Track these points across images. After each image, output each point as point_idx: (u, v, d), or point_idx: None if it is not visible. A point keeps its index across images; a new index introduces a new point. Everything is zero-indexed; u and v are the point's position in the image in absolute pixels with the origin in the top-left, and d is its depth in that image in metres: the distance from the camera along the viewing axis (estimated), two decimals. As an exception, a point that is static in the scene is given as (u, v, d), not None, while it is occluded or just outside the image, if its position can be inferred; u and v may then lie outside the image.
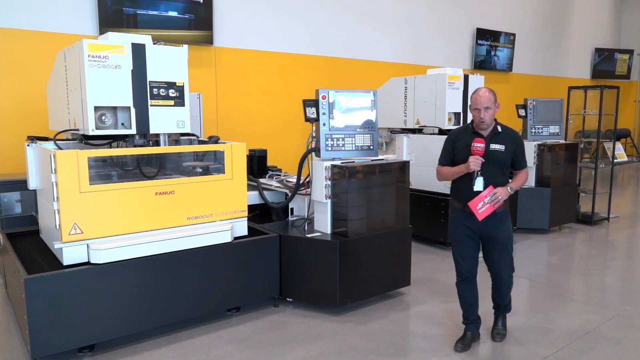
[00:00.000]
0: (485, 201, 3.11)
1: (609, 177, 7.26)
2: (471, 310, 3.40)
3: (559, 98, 6.86)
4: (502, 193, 3.11)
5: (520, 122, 6.59)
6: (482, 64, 10.50)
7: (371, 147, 4.09)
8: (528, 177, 3.33)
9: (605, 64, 14.15)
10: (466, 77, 5.75)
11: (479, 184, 3.15)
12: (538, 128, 6.53)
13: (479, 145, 3.12)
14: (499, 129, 3.22)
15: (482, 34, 10.38)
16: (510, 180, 3.27)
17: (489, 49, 10.61)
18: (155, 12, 6.22)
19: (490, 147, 3.17)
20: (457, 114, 5.73)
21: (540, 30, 12.07)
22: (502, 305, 3.51)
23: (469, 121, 5.77)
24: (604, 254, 5.69)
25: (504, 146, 3.18)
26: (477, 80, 5.85)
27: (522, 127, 6.54)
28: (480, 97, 3.12)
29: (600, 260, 5.44)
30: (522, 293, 4.41)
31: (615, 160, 7.13)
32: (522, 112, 6.52)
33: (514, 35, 11.02)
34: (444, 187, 5.57)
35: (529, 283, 4.66)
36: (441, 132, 5.73)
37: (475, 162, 3.10)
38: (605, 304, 4.14)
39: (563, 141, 6.67)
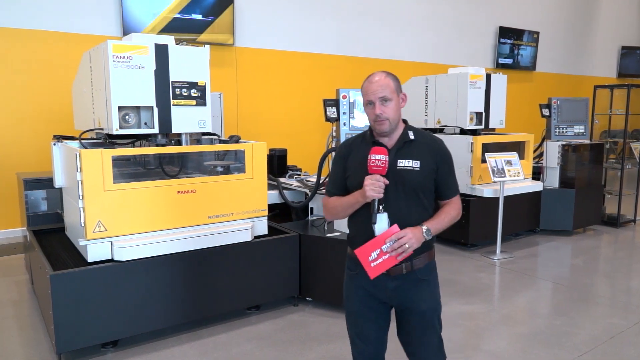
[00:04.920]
0: (384, 249, 1.97)
1: (635, 178, 7.09)
2: None
3: (584, 97, 6.72)
4: (413, 237, 1.96)
5: (544, 122, 6.48)
6: (504, 62, 10.35)
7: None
8: (460, 212, 2.15)
9: (632, 62, 13.81)
10: (488, 76, 5.67)
11: (381, 220, 2.01)
12: (562, 128, 6.42)
13: (378, 158, 1.99)
14: (411, 135, 2.09)
15: (505, 33, 10.23)
16: (431, 217, 2.09)
17: (512, 47, 10.45)
18: (179, 15, 6.29)
19: (398, 163, 2.04)
20: (479, 114, 5.66)
21: (565, 28, 11.85)
22: None
23: (491, 121, 5.79)
24: (630, 256, 5.57)
25: (418, 162, 2.04)
26: (500, 80, 5.77)
27: (546, 126, 6.44)
28: (372, 85, 2.06)
29: (626, 263, 5.32)
30: (545, 296, 4.34)
31: (642, 161, 6.97)
32: (546, 111, 6.41)
33: (537, 33, 10.83)
34: (465, 187, 5.53)
35: (553, 286, 4.59)
36: (462, 131, 5.68)
37: (373, 186, 1.96)
38: (631, 308, 4.04)
39: (588, 141, 6.54)
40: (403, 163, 2.04)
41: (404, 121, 2.17)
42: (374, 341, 2.20)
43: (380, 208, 2.02)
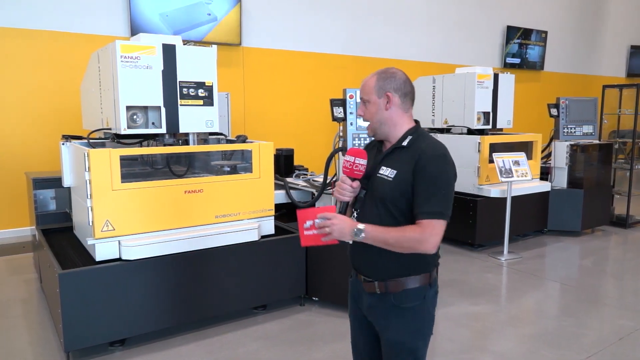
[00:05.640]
0: (316, 222, 1.85)
1: (645, 178, 7.05)
2: None
3: (593, 97, 6.68)
4: (337, 226, 1.79)
5: (552, 122, 6.44)
6: (512, 62, 10.30)
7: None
8: (425, 242, 1.73)
9: (641, 61, 13.69)
10: (496, 76, 5.65)
11: None
12: (571, 128, 6.38)
13: (347, 159, 1.88)
14: (406, 141, 1.86)
15: (513, 32, 10.18)
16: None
17: (520, 46, 10.40)
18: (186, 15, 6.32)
19: (380, 170, 1.87)
20: (486, 114, 5.64)
21: (573, 27, 11.77)
22: None
23: (498, 121, 5.76)
24: (639, 257, 5.52)
25: (395, 172, 1.83)
26: (507, 79, 5.75)
27: (554, 126, 6.40)
28: (361, 86, 1.95)
29: (634, 264, 5.28)
30: (552, 297, 4.32)
31: (651, 161, 6.92)
32: (554, 111, 6.37)
33: (545, 32, 10.77)
34: (472, 188, 5.51)
35: (560, 287, 4.56)
36: (470, 131, 5.66)
37: (339, 187, 1.89)
38: (641, 310, 4.02)
39: (597, 141, 6.50)
40: (383, 171, 1.86)
41: (416, 122, 1.94)
42: (363, 353, 2.06)
43: (355, 213, 1.93)
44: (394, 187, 1.81)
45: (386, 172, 1.85)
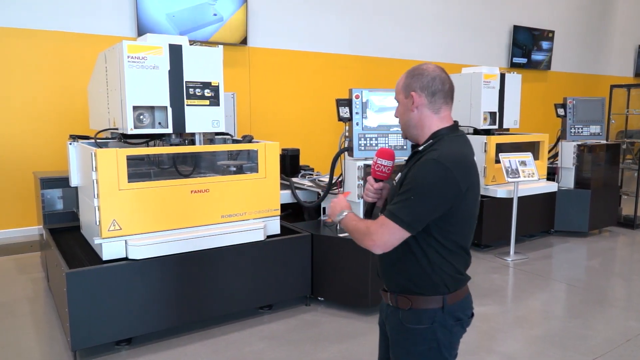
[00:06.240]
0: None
1: (653, 179, 6.99)
2: None
3: (600, 97, 6.63)
4: (331, 205, 1.88)
5: (559, 122, 6.41)
6: (519, 62, 10.25)
7: (404, 147, 4.05)
8: (375, 238, 1.66)
9: (650, 61, 13.58)
10: (502, 76, 5.63)
11: None
12: (578, 128, 6.34)
13: (375, 160, 1.85)
14: (423, 146, 1.75)
15: (520, 31, 10.14)
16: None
17: (527, 46, 10.35)
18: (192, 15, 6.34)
19: (396, 177, 1.83)
20: (492, 114, 5.62)
21: (581, 26, 11.70)
22: None
23: (505, 121, 5.73)
24: (647, 258, 5.49)
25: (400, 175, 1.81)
26: (514, 79, 5.72)
27: (561, 126, 6.36)
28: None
29: (643, 265, 5.24)
30: (559, 298, 4.29)
31: (660, 162, 6.86)
32: (561, 111, 6.34)
33: (552, 32, 10.72)
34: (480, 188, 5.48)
35: (567, 287, 4.53)
36: (476, 131, 5.63)
37: (368, 189, 1.89)
38: (649, 311, 3.99)
39: (604, 142, 6.46)
40: (397, 177, 1.81)
41: (455, 123, 1.82)
42: (379, 356, 2.02)
43: (376, 211, 1.88)
44: (395, 192, 1.74)
45: (396, 177, 1.80)
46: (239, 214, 3.63)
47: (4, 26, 5.28)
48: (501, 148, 5.50)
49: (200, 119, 3.51)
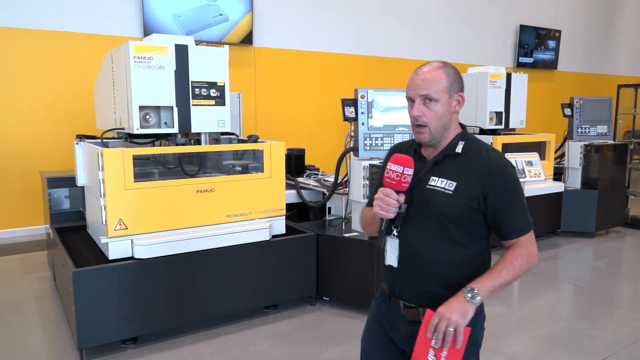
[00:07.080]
0: (434, 345, 1.51)
1: (660, 179, 6.95)
2: None
3: (608, 97, 6.59)
4: (447, 313, 1.51)
5: (566, 122, 6.37)
6: (525, 61, 10.21)
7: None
8: (532, 259, 1.68)
9: (657, 61, 13.49)
10: (509, 76, 5.61)
11: (391, 247, 1.69)
12: (585, 128, 6.30)
13: (394, 169, 1.60)
14: (460, 148, 1.66)
15: (526, 31, 10.09)
16: (480, 273, 1.61)
17: (533, 46, 10.31)
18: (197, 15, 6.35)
19: (430, 181, 1.65)
20: (499, 114, 5.60)
21: (587, 26, 11.63)
22: None
23: (511, 121, 5.71)
24: (655, 259, 5.45)
25: (454, 184, 1.61)
26: (520, 79, 5.70)
27: (568, 126, 6.33)
28: (416, 77, 1.67)
29: (650, 266, 5.21)
30: (566, 298, 4.27)
31: (667, 162, 6.81)
32: (567, 111, 6.30)
33: (559, 31, 10.66)
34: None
35: (574, 288, 4.51)
36: (482, 131, 5.62)
37: (381, 201, 1.60)
38: (656, 312, 3.96)
39: (611, 141, 6.42)
40: (435, 182, 1.62)
41: (462, 126, 1.72)
42: None
43: (395, 231, 1.65)
44: (457, 202, 1.58)
45: (441, 183, 1.62)
46: (245, 213, 3.64)
47: (9, 26, 5.32)
48: (507, 148, 5.47)
49: (206, 118, 3.51)
